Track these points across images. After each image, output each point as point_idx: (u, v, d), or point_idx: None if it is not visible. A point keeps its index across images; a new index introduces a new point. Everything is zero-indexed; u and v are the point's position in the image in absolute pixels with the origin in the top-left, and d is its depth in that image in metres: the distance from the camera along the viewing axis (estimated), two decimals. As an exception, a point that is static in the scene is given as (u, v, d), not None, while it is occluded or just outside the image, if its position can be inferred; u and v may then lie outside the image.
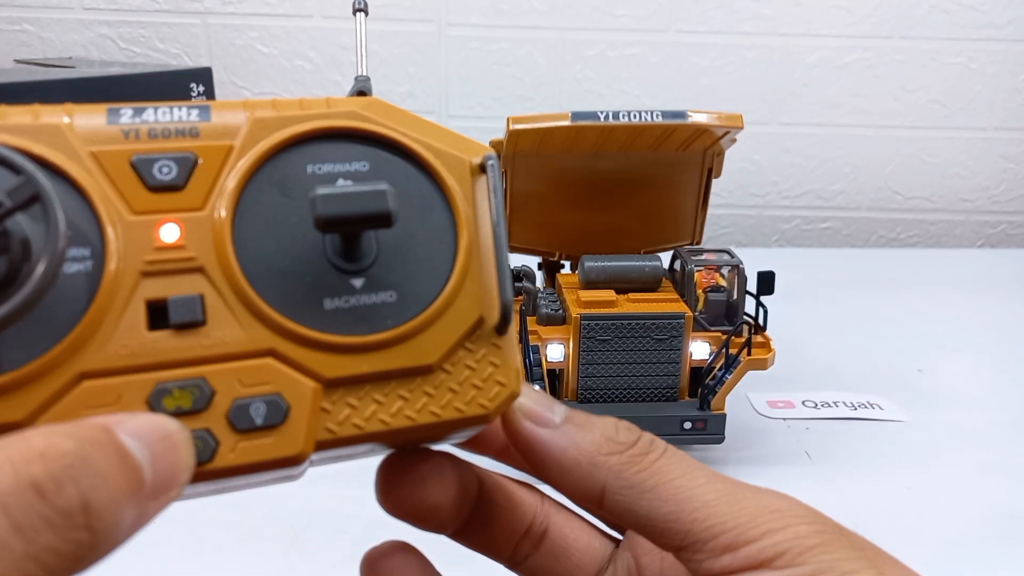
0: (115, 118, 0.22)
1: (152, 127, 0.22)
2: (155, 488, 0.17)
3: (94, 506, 0.16)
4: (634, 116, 0.60)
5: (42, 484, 0.15)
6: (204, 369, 0.21)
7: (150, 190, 0.21)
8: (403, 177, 0.24)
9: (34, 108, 0.21)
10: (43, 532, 0.15)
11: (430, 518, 0.27)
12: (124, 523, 0.17)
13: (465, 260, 0.24)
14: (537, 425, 0.25)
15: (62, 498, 0.15)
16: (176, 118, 0.22)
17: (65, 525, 0.15)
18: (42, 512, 0.15)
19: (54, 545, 0.15)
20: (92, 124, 0.22)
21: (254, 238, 0.22)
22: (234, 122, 0.23)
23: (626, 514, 0.23)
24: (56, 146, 0.21)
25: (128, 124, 0.22)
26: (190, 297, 0.21)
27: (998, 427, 0.70)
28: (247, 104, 0.23)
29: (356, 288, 0.23)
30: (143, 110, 0.22)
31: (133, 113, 0.22)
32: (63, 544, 0.15)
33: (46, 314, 0.20)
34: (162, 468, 0.18)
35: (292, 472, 0.22)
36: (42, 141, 0.21)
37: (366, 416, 0.22)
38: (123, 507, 0.16)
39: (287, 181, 0.23)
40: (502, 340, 0.24)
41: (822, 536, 0.21)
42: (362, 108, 0.24)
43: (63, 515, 0.15)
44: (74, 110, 0.22)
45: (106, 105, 0.22)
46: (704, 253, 0.66)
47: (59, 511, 0.15)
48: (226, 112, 0.23)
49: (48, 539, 0.15)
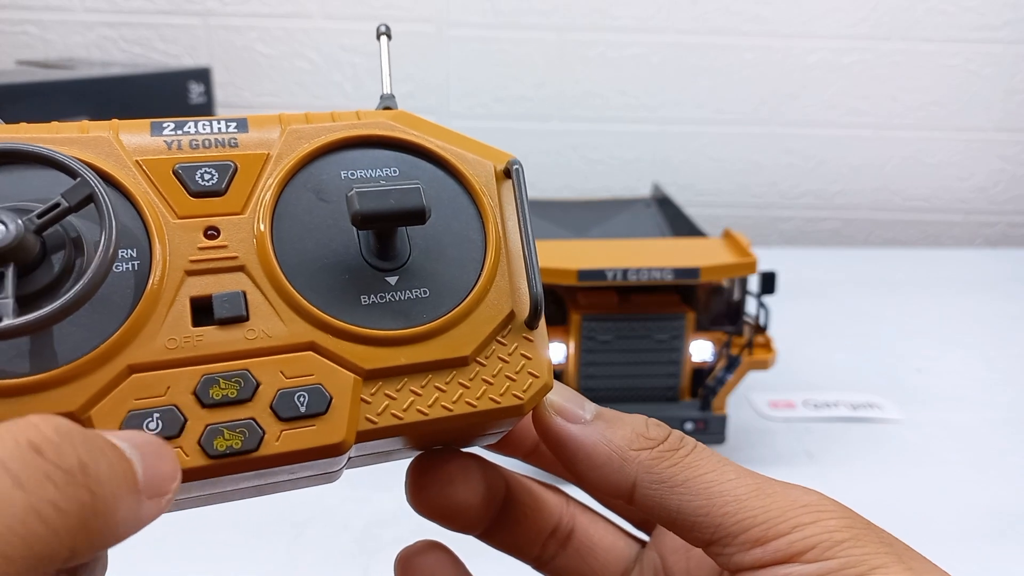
0: (158, 131, 0.23)
1: (193, 139, 0.23)
2: (147, 486, 0.18)
3: (92, 468, 0.16)
4: (643, 275, 0.58)
5: (40, 445, 0.15)
6: (248, 362, 0.22)
7: (193, 196, 0.22)
8: (432, 180, 0.25)
9: (83, 124, 0.23)
10: (44, 486, 0.15)
11: (458, 518, 0.27)
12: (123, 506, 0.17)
13: (495, 257, 0.25)
14: (568, 422, 0.25)
15: (60, 457, 0.15)
16: (215, 130, 0.24)
17: (65, 481, 0.15)
18: (42, 467, 0.15)
19: (55, 500, 0.15)
20: (137, 137, 0.23)
21: (292, 238, 0.23)
22: (270, 133, 0.24)
23: (656, 509, 0.24)
24: (105, 156, 0.22)
25: (171, 136, 0.23)
26: (233, 293, 0.22)
27: (997, 426, 0.71)
28: (282, 118, 0.24)
29: (391, 285, 0.24)
30: (184, 123, 0.23)
31: (175, 126, 0.23)
32: (64, 501, 0.15)
33: (97, 311, 0.21)
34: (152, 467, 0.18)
35: (332, 468, 0.23)
36: (92, 151, 0.22)
37: (404, 407, 0.23)
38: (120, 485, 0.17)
39: (322, 186, 0.24)
40: (533, 334, 0.25)
41: (851, 531, 0.22)
42: (391, 119, 0.26)
43: (62, 471, 0.15)
44: (120, 125, 0.23)
45: (149, 120, 0.23)
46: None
47: (58, 467, 0.15)
48: (262, 124, 0.24)
49: (49, 493, 0.15)
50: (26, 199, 0.21)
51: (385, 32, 0.27)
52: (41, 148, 0.20)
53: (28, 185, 0.21)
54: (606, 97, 1.23)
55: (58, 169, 0.20)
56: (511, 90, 1.22)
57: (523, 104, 1.22)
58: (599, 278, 0.58)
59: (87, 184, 0.20)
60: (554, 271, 0.58)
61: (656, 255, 0.60)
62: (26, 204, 0.21)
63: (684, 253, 0.61)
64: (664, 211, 0.90)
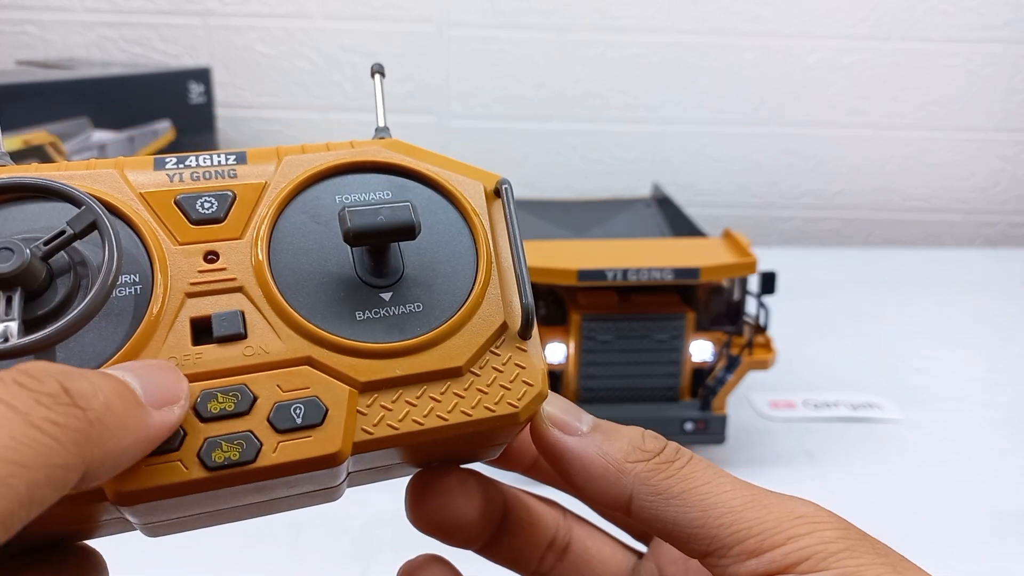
0: (161, 166, 0.24)
1: (194, 171, 0.24)
2: (150, 397, 0.19)
3: (75, 390, 0.17)
4: (643, 275, 0.58)
5: (21, 379, 0.17)
6: (246, 377, 0.22)
7: (193, 223, 0.24)
8: (424, 201, 0.26)
9: (90, 162, 0.24)
10: (36, 407, 0.16)
11: (457, 533, 0.28)
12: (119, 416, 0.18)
13: (486, 271, 0.25)
14: (565, 433, 0.25)
15: (43, 386, 0.17)
16: (216, 163, 0.25)
17: (53, 402, 0.17)
18: (30, 395, 0.16)
19: (49, 416, 0.16)
20: (141, 171, 0.24)
21: (289, 259, 0.24)
22: (267, 165, 0.25)
23: (653, 521, 0.24)
24: (110, 188, 0.23)
25: (173, 169, 0.24)
26: (232, 312, 0.23)
27: (997, 426, 0.71)
28: (279, 150, 0.26)
29: (385, 300, 0.24)
30: (185, 158, 0.25)
31: (177, 161, 0.25)
32: (58, 416, 0.16)
33: (101, 332, 0.22)
34: (150, 381, 0.20)
35: (332, 483, 0.23)
36: (98, 184, 0.23)
37: (400, 417, 0.23)
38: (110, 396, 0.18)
39: (318, 209, 0.25)
40: (527, 344, 0.25)
41: (846, 542, 0.22)
42: (384, 147, 0.27)
43: (48, 395, 0.17)
44: (124, 162, 0.24)
45: (152, 156, 0.25)
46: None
47: (44, 393, 0.17)
48: (260, 157, 0.25)
49: (42, 412, 0.16)
50: (36, 229, 0.22)
51: (379, 71, 0.28)
52: (48, 180, 0.22)
53: (38, 217, 0.23)
54: (606, 97, 1.23)
55: (64, 199, 0.21)
56: (511, 90, 1.22)
57: (523, 104, 1.22)
58: (599, 278, 0.58)
59: (91, 212, 0.21)
60: (554, 271, 0.58)
61: (656, 255, 0.60)
62: (35, 235, 0.22)
63: (684, 253, 0.61)
64: (664, 211, 0.90)
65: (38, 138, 0.80)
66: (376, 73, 0.28)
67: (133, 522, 0.22)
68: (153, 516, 0.22)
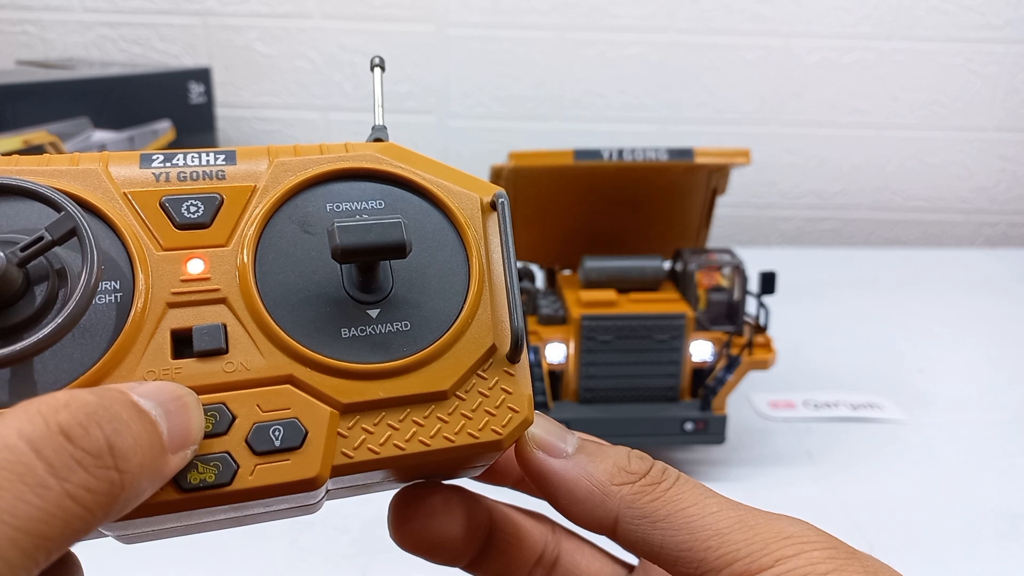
0: (147, 163, 0.23)
1: (181, 171, 0.23)
2: (172, 442, 0.19)
3: (118, 448, 0.17)
4: (639, 155, 0.59)
5: (69, 429, 0.16)
6: (225, 395, 0.21)
7: (178, 228, 0.23)
8: (417, 213, 0.25)
9: (74, 156, 0.23)
10: (76, 471, 0.16)
11: (441, 551, 0.27)
12: (148, 472, 0.18)
13: (477, 290, 0.24)
14: (549, 455, 0.25)
15: (89, 441, 0.16)
16: (204, 163, 0.24)
17: (95, 464, 0.16)
18: (73, 453, 0.16)
19: (87, 483, 0.16)
20: (126, 169, 0.23)
21: (275, 270, 0.23)
22: (258, 166, 0.24)
23: (640, 544, 0.24)
24: (93, 188, 0.22)
25: (159, 168, 0.23)
26: (214, 326, 0.22)
27: (998, 426, 0.71)
28: (271, 150, 0.25)
29: (372, 318, 0.23)
30: (173, 155, 0.24)
31: (164, 159, 0.24)
32: (95, 482, 0.16)
33: (79, 342, 0.21)
34: (176, 424, 0.19)
35: (309, 500, 0.23)
36: (80, 183, 0.22)
37: (381, 441, 0.22)
38: (146, 453, 0.18)
39: (307, 218, 0.24)
40: (515, 368, 0.25)
41: (835, 561, 0.22)
42: (379, 151, 0.26)
43: (91, 455, 0.16)
44: (110, 157, 0.23)
45: (139, 152, 0.24)
46: (705, 253, 0.66)
47: (87, 451, 0.16)
48: (250, 156, 0.24)
49: (81, 477, 0.16)
50: (15, 230, 0.21)
51: (379, 64, 0.27)
52: (26, 182, 0.21)
53: (17, 216, 0.22)
54: (606, 97, 1.23)
55: (43, 203, 0.20)
56: (511, 90, 1.22)
57: (523, 104, 1.22)
58: (595, 157, 0.59)
59: (71, 218, 0.20)
60: (551, 154, 0.59)
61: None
62: (12, 236, 0.21)
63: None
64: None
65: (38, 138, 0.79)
66: (376, 67, 0.27)
67: (106, 533, 0.22)
68: (126, 530, 0.22)
